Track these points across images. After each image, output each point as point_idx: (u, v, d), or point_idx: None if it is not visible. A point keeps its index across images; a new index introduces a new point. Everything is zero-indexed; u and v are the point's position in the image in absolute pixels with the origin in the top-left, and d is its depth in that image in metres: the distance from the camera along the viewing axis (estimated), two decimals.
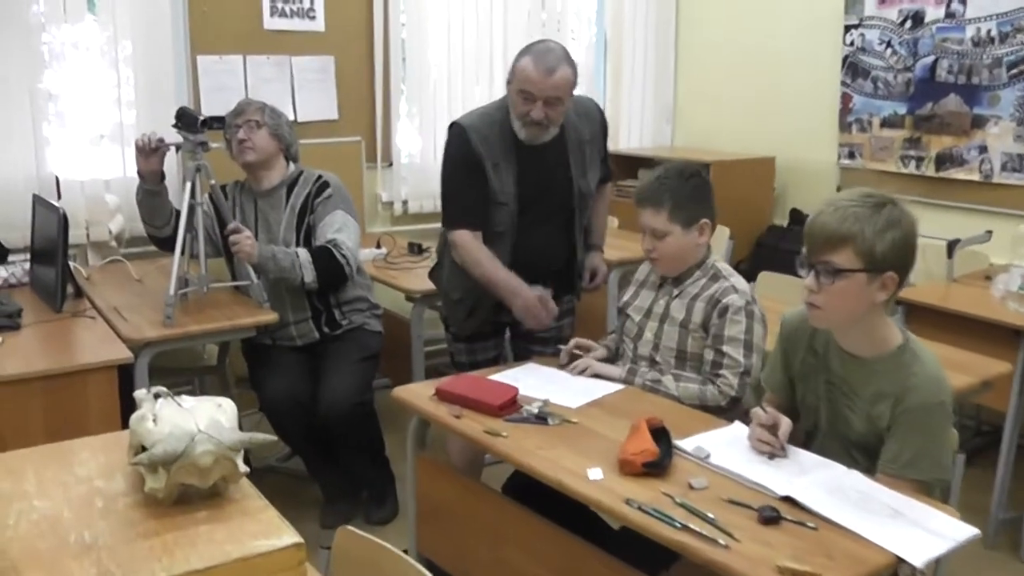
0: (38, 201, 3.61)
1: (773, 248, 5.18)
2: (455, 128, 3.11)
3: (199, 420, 1.68)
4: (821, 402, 2.36)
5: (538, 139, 3.08)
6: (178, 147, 3.42)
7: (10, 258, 3.79)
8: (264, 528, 1.64)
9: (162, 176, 3.49)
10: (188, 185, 3.33)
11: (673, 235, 2.72)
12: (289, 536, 1.62)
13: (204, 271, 3.45)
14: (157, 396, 1.79)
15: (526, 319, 3.02)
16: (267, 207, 3.70)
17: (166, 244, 3.57)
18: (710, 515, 1.98)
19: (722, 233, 4.52)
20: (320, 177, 3.71)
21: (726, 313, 2.69)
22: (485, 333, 3.32)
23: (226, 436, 1.67)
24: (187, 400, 1.80)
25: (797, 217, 5.28)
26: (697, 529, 1.93)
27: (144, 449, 1.65)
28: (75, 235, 4.13)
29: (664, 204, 2.71)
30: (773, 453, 2.24)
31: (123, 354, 2.99)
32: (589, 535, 2.35)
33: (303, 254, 3.52)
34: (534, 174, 3.10)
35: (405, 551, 2.99)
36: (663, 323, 2.80)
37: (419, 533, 2.86)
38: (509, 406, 2.57)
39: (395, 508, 3.80)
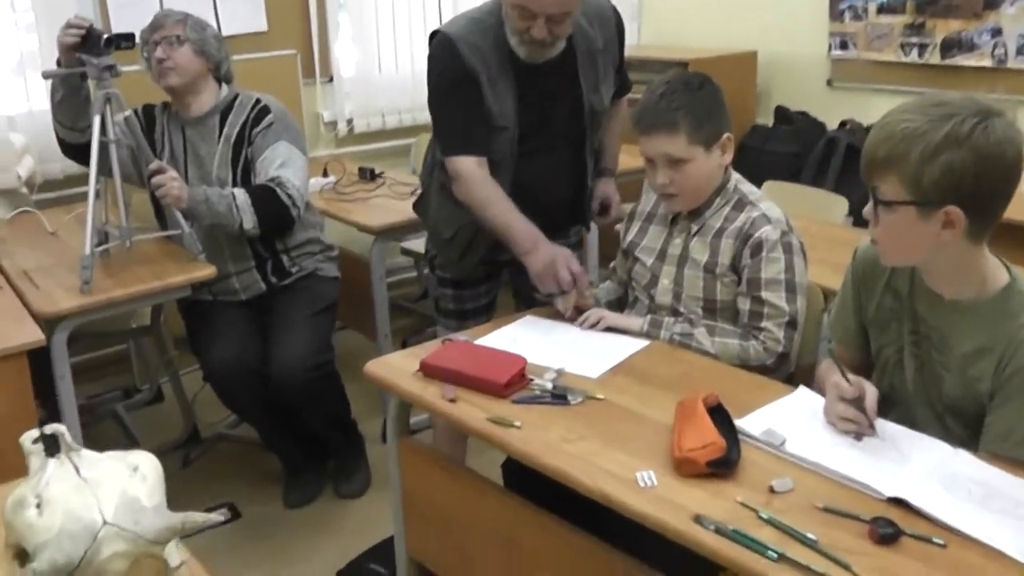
0: None
1: (759, 151, 4.68)
2: (440, 38, 2.50)
3: (105, 502, 1.15)
4: (905, 357, 1.88)
5: (540, 58, 2.49)
6: (83, 76, 2.78)
7: None
8: None
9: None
10: (97, 119, 2.70)
11: (695, 161, 2.19)
12: None
13: (125, 221, 2.85)
14: (49, 443, 1.25)
15: (543, 282, 2.45)
16: (197, 137, 3.09)
17: (86, 152, 2.91)
18: (810, 536, 1.49)
19: None
20: (259, 102, 3.10)
21: (760, 251, 2.18)
22: (477, 277, 2.77)
23: (147, 524, 1.15)
24: (89, 458, 1.26)
25: (784, 115, 4.77)
26: (799, 560, 1.45)
27: (26, 555, 1.12)
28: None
29: (680, 125, 2.16)
30: (860, 432, 1.77)
31: (32, 336, 2.41)
32: (601, 521, 1.84)
33: (241, 196, 2.93)
34: (538, 92, 2.52)
35: (391, 539, 2.59)
36: (682, 267, 2.29)
37: (408, 535, 2.35)
38: (517, 382, 2.05)
39: (367, 478, 3.30)
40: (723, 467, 1.66)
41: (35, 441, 1.36)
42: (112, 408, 3.83)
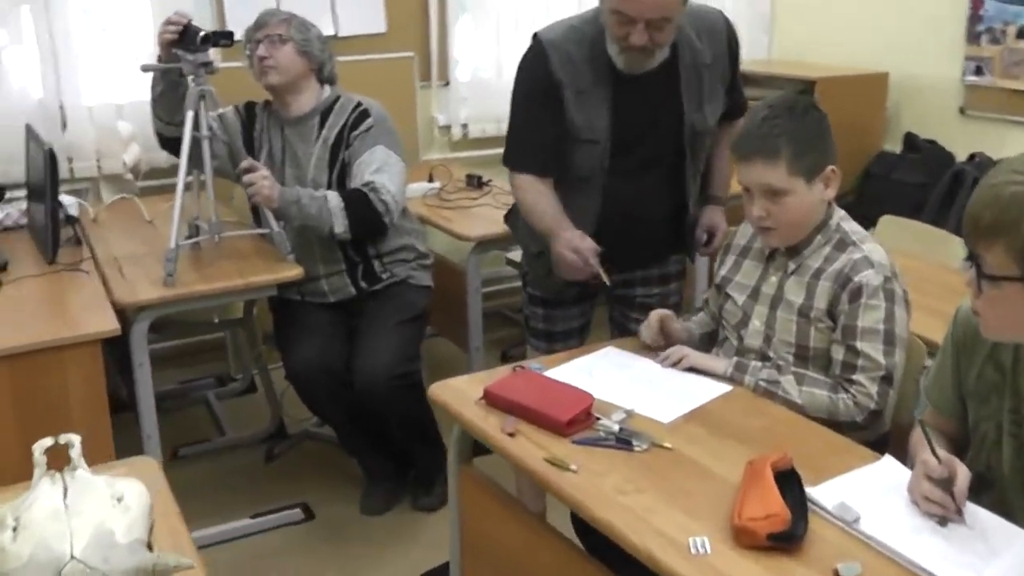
0: (30, 133, 3.02)
1: (884, 179, 4.40)
2: (534, 44, 2.41)
3: (78, 534, 1.08)
4: (1004, 436, 1.68)
5: (641, 67, 2.36)
6: (181, 72, 2.78)
7: (7, 195, 3.24)
8: None
9: None
10: (190, 115, 2.69)
11: (795, 193, 2.01)
12: None
13: (215, 216, 2.84)
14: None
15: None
16: (296, 138, 3.06)
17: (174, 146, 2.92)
18: None
19: None
20: (359, 105, 3.05)
21: (860, 296, 2.00)
22: (570, 297, 2.65)
23: (116, 563, 1.07)
24: (82, 481, 1.20)
25: (912, 143, 4.48)
26: None
27: None
28: (85, 168, 3.62)
29: (781, 152, 1.98)
30: (946, 517, 1.58)
31: (108, 325, 2.42)
32: None
33: (334, 199, 2.89)
34: (634, 106, 2.39)
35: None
36: (775, 308, 2.12)
37: (464, 564, 2.26)
38: (582, 420, 1.93)
39: (446, 492, 3.21)
40: (785, 542, 1.51)
41: (44, 452, 1.32)
42: (204, 395, 3.87)
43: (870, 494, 1.63)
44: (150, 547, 1.20)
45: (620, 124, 2.39)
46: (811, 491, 1.63)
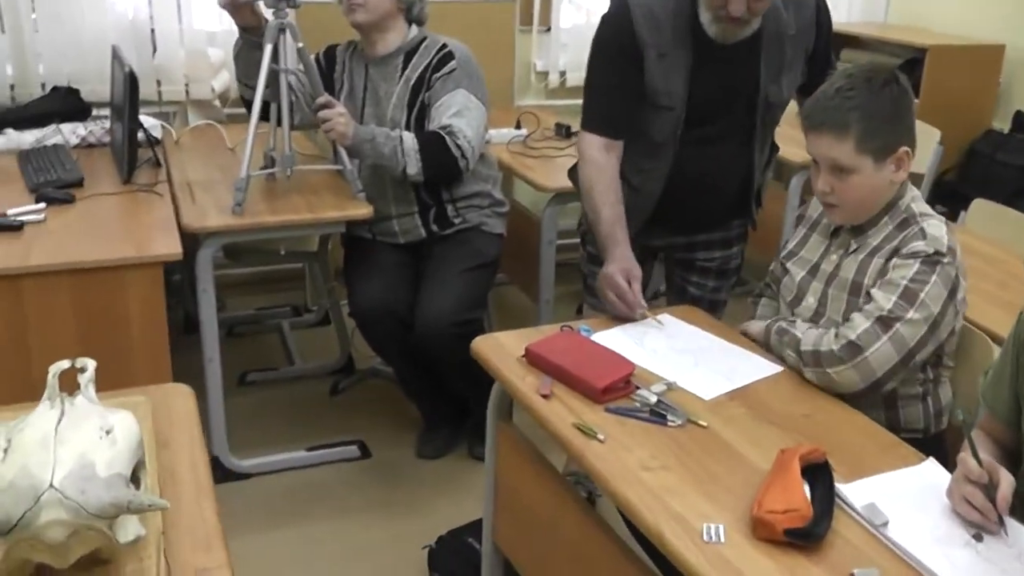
0: (116, 54, 3.06)
1: (988, 158, 4.16)
2: (618, 1, 2.32)
3: (61, 463, 1.07)
4: None
5: (735, 37, 2.26)
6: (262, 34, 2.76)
7: (94, 113, 3.31)
8: None
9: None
10: (268, 47, 2.68)
11: (862, 172, 1.88)
12: None
13: (289, 150, 2.84)
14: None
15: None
16: (379, 77, 3.03)
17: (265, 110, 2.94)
18: None
19: (930, 136, 3.58)
20: (444, 47, 2.99)
21: (896, 256, 1.88)
22: None
23: (92, 496, 1.06)
24: (80, 408, 1.20)
25: (1021, 122, 4.21)
26: None
27: None
28: (174, 92, 3.66)
29: (850, 128, 1.85)
30: (984, 527, 1.48)
31: (171, 249, 2.45)
32: None
33: (409, 140, 2.86)
34: (714, 73, 2.29)
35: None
36: (829, 285, 2.00)
37: (497, 521, 2.23)
38: (619, 389, 1.87)
39: None
40: (803, 539, 1.43)
41: (61, 372, 1.33)
42: (278, 324, 3.92)
43: (905, 498, 1.54)
44: (137, 482, 1.20)
45: (697, 92, 2.29)
46: (842, 488, 1.55)
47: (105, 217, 2.62)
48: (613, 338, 2.09)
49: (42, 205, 2.59)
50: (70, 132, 3.17)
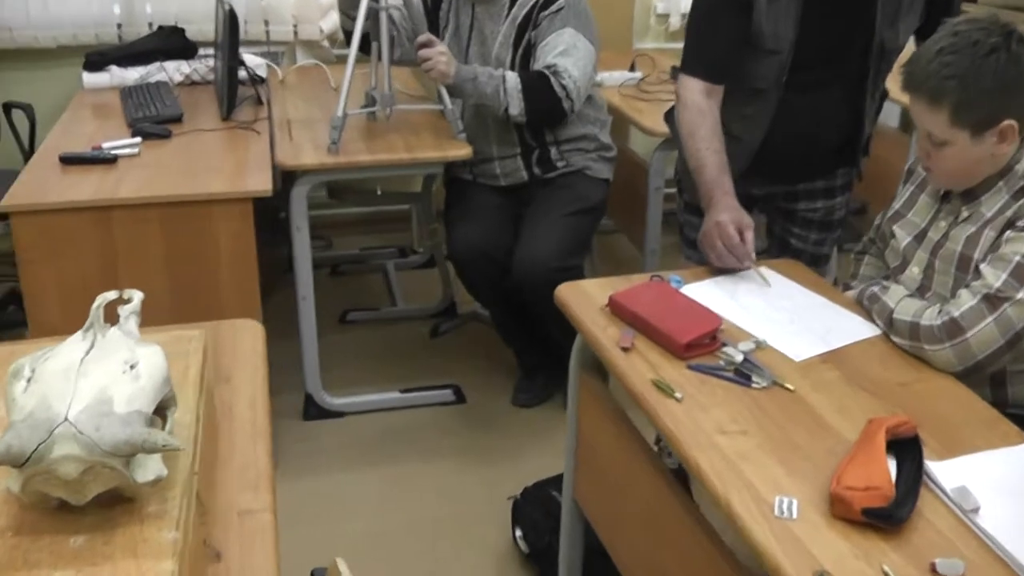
0: None
1: None
2: None
3: (79, 396, 1.03)
4: None
5: None
6: None
7: (200, 52, 3.31)
8: None
9: None
10: None
11: (955, 145, 1.67)
12: None
13: (388, 89, 2.78)
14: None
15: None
16: (485, 15, 2.92)
17: (364, 45, 2.89)
18: None
19: None
20: None
21: (1010, 229, 1.68)
22: None
23: (107, 433, 1.01)
24: (113, 340, 1.16)
25: None
26: None
27: None
28: (282, 32, 3.65)
29: (944, 98, 1.63)
30: None
31: (261, 186, 2.42)
32: None
33: (511, 79, 2.75)
34: (826, 16, 2.10)
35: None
36: (935, 256, 1.80)
37: (577, 478, 2.15)
38: (704, 345, 1.75)
39: None
40: (882, 520, 1.29)
41: (107, 303, 1.30)
42: (383, 264, 3.90)
43: (1003, 482, 1.38)
44: (164, 420, 1.16)
45: (806, 36, 2.11)
46: (932, 466, 1.40)
47: (199, 152, 2.62)
48: (705, 291, 1.97)
49: (138, 139, 2.61)
50: (174, 70, 3.19)
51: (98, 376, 1.08)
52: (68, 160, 2.48)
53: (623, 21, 4.01)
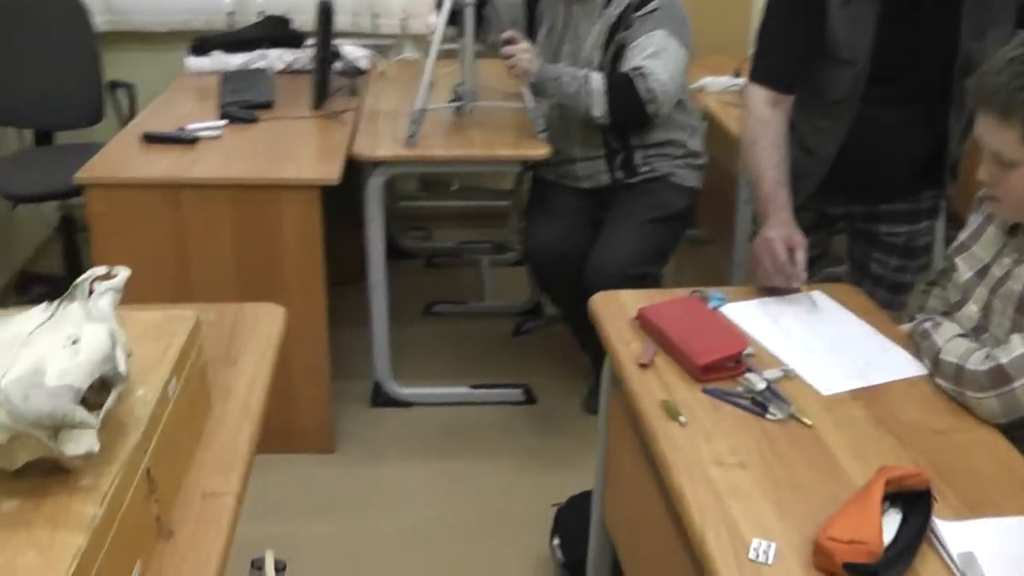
0: None
1: None
2: None
3: (16, 366, 1.04)
4: None
5: None
6: None
7: (306, 42, 3.35)
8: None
9: None
10: None
11: None
12: None
13: (471, 85, 2.73)
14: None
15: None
16: (580, 14, 2.84)
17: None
18: None
19: None
20: None
21: None
22: (804, 223, 2.25)
23: (33, 404, 1.01)
24: (67, 315, 1.16)
25: None
26: None
27: None
28: (391, 25, 3.67)
29: (1015, 113, 1.44)
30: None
31: (328, 174, 2.42)
32: None
33: (596, 80, 2.66)
34: (905, 26, 1.94)
35: None
36: (995, 294, 1.61)
37: (605, 497, 2.05)
38: (725, 368, 1.63)
39: None
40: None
41: (95, 279, 1.30)
42: (478, 259, 3.87)
43: (1011, 545, 1.22)
44: (102, 399, 1.14)
45: (884, 46, 1.95)
46: (941, 525, 1.26)
47: (279, 139, 2.64)
48: (747, 312, 1.84)
49: (223, 123, 2.65)
50: (276, 58, 3.23)
51: (39, 348, 1.08)
52: (150, 138, 2.54)
53: (740, 26, 3.84)
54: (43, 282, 3.51)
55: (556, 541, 2.37)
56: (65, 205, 3.38)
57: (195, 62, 3.23)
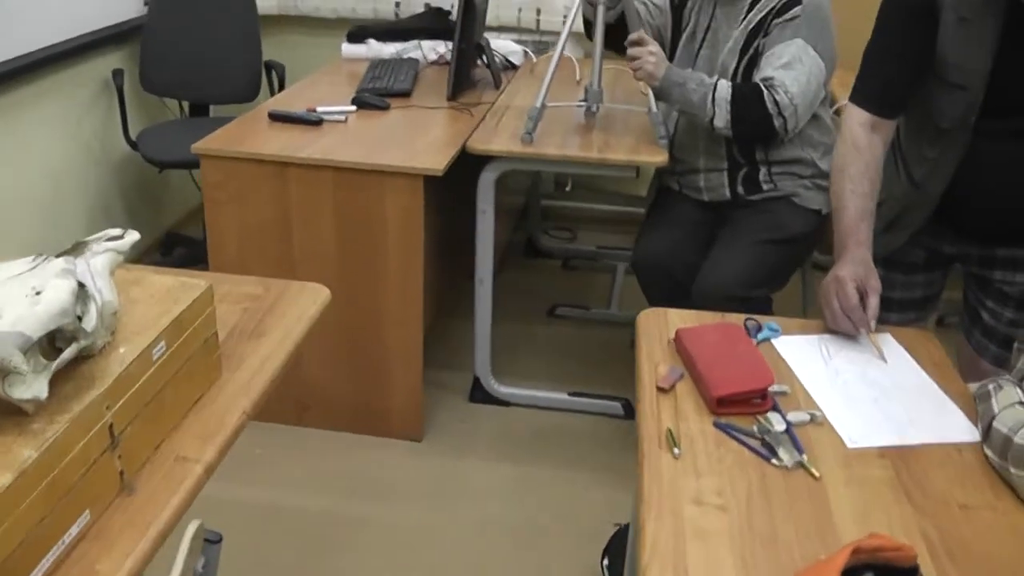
0: None
1: None
2: None
3: None
4: None
5: None
6: None
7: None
8: None
9: None
10: None
11: None
12: None
13: (597, 86, 2.64)
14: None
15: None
16: (723, 18, 2.68)
17: (610, 37, 2.72)
18: None
19: None
20: None
21: None
22: (914, 261, 2.06)
23: None
24: (47, 269, 1.18)
25: None
26: None
27: None
28: (553, 22, 3.60)
29: None
30: None
31: (432, 164, 2.40)
32: None
33: (723, 89, 2.50)
34: None
35: None
36: None
37: (640, 529, 1.93)
38: (742, 403, 1.48)
39: None
40: None
41: (108, 238, 1.33)
42: (614, 264, 3.76)
43: None
44: (57, 351, 1.16)
45: (1004, 71, 1.69)
46: None
47: (401, 127, 2.64)
48: (799, 347, 1.67)
49: (352, 108, 2.67)
50: (429, 49, 3.24)
51: (3, 295, 1.11)
52: (276, 117, 2.60)
53: None
54: (185, 243, 3.69)
55: (606, 561, 2.25)
56: None
57: (349, 48, 3.30)
